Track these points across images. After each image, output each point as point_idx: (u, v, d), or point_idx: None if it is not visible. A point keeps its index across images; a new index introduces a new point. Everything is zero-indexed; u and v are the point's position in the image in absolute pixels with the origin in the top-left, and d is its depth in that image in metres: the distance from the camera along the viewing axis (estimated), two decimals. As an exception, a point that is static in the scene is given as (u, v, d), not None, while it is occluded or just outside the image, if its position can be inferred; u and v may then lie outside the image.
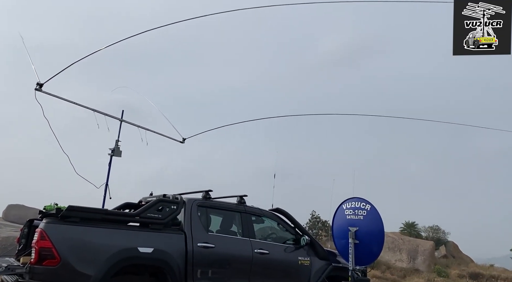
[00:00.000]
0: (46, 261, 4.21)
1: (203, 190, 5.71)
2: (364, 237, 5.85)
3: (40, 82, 5.56)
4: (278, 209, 6.24)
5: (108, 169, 6.88)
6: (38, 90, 5.58)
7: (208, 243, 5.18)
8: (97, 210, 4.87)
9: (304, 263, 5.87)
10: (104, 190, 6.78)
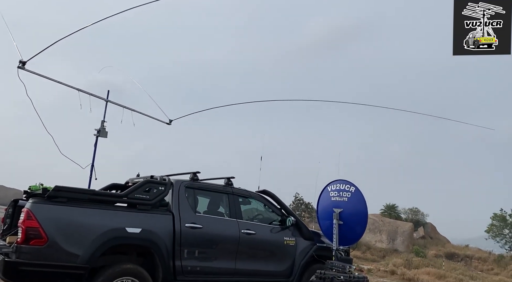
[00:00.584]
0: (33, 240, 4.20)
1: (191, 172, 5.74)
2: (348, 218, 6.00)
3: (23, 60, 5.40)
4: (265, 190, 6.34)
5: (94, 150, 6.80)
6: (21, 68, 5.42)
7: (195, 223, 5.24)
8: (84, 190, 4.85)
9: (290, 243, 6.01)
10: (90, 171, 6.72)
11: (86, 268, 4.38)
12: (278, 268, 5.85)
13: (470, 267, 29.39)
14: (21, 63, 5.38)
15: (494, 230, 34.43)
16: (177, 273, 4.99)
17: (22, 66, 5.40)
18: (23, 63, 5.39)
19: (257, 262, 5.69)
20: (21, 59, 5.39)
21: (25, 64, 5.41)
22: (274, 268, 5.82)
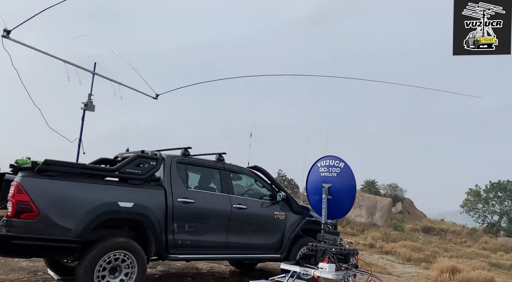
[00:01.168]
0: (24, 214, 4.14)
1: (182, 147, 5.71)
2: (336, 193, 6.12)
3: (8, 29, 5.14)
4: (256, 166, 6.38)
5: (81, 124, 6.63)
6: (5, 38, 5.16)
7: (187, 198, 5.26)
8: (74, 164, 4.78)
9: (280, 217, 6.13)
10: (78, 145, 6.58)
11: (78, 242, 4.37)
12: (268, 241, 5.98)
13: (445, 240, 30.74)
14: (6, 32, 5.13)
15: (468, 205, 35.92)
16: (169, 247, 5.04)
17: (7, 35, 5.15)
18: (8, 32, 5.14)
19: (248, 235, 5.79)
20: (6, 28, 5.13)
21: (9, 33, 5.15)
22: (264, 241, 5.94)
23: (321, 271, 4.08)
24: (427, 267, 19.37)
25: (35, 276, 5.60)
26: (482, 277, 14.68)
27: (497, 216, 34.80)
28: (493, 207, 34.77)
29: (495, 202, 34.72)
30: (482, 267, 18.81)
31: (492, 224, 34.39)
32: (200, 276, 6.37)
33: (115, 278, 4.61)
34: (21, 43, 5.42)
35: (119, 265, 4.65)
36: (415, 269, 19.51)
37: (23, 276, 5.57)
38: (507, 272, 20.89)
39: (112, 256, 4.58)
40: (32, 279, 5.47)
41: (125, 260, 4.68)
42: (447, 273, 15.61)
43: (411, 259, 22.32)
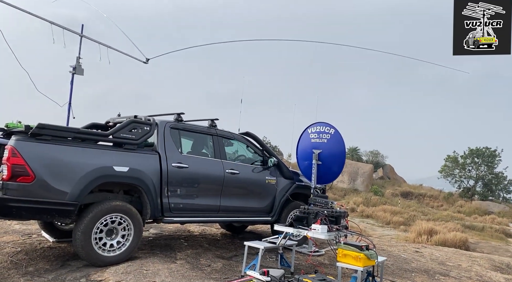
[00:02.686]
0: (20, 177, 4.15)
1: (175, 113, 5.70)
2: (326, 159, 6.30)
3: None
4: (248, 132, 6.45)
5: (71, 88, 6.46)
6: None
7: (181, 163, 5.33)
8: (69, 128, 4.75)
9: (271, 182, 6.29)
10: (68, 109, 6.46)
11: (75, 205, 4.43)
12: (259, 205, 6.16)
13: (422, 204, 32.07)
14: None
15: (446, 170, 37.21)
16: (164, 210, 5.16)
17: None
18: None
19: (240, 199, 5.95)
20: None
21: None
22: (256, 205, 6.12)
23: (313, 232, 4.28)
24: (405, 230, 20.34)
25: (30, 238, 5.69)
26: (457, 238, 15.55)
27: (473, 181, 36.28)
28: (469, 172, 36.17)
29: (472, 167, 36.10)
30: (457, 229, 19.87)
31: (467, 188, 35.91)
32: (192, 239, 6.57)
33: (112, 240, 4.73)
34: (5, 2, 5.17)
35: (115, 228, 4.76)
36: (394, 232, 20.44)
37: (17, 239, 5.64)
38: (480, 233, 22.10)
39: (109, 219, 4.68)
40: (27, 241, 5.55)
41: (122, 222, 4.78)
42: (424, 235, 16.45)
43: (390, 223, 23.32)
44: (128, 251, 4.81)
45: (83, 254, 4.51)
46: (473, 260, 7.68)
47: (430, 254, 7.73)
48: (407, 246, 8.74)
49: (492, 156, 35.62)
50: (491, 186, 35.73)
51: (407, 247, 8.45)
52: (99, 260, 4.58)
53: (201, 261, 5.15)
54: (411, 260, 6.80)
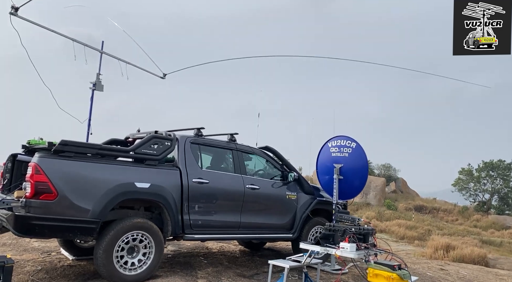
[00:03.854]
0: (43, 195, 4.10)
1: (195, 127, 5.66)
2: (348, 173, 6.16)
3: (15, 5, 4.92)
4: (267, 147, 6.37)
5: (91, 104, 6.46)
6: (13, 15, 4.96)
7: (202, 178, 5.25)
8: (91, 145, 4.71)
9: (291, 197, 6.16)
10: (87, 125, 6.47)
11: (97, 222, 4.36)
12: (280, 221, 6.02)
13: (437, 219, 31.42)
14: (14, 9, 4.91)
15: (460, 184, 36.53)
16: (185, 227, 5.06)
17: (15, 12, 4.93)
18: (16, 9, 4.92)
19: (260, 215, 5.83)
20: (13, 5, 4.91)
21: (17, 10, 4.94)
22: (276, 221, 5.99)
23: (342, 251, 4.13)
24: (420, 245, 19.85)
25: (50, 256, 5.61)
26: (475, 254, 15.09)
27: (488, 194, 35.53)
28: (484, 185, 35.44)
29: (487, 181, 35.37)
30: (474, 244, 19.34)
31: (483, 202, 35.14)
32: (211, 256, 6.43)
33: (133, 258, 4.63)
34: (30, 21, 5.21)
35: (137, 246, 4.66)
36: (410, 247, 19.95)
37: (37, 256, 5.57)
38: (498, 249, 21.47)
39: (130, 237, 4.59)
40: (46, 259, 5.48)
41: (143, 240, 4.69)
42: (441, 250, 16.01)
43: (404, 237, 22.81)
44: (149, 269, 4.71)
45: (104, 272, 4.41)
46: (501, 279, 7.40)
47: (456, 272, 7.47)
48: (430, 263, 8.48)
49: (507, 168, 34.93)
50: (507, 200, 34.94)
51: (431, 264, 8.19)
52: (121, 278, 4.47)
53: (223, 280, 5.01)
54: (438, 279, 6.56)
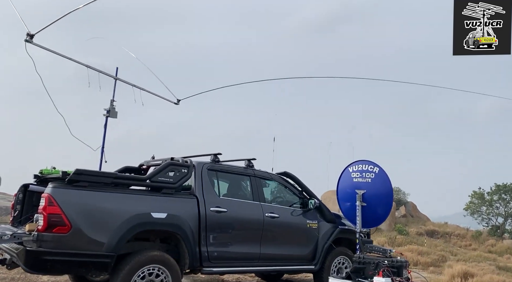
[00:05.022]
0: (56, 228, 3.87)
1: (211, 153, 5.46)
2: (371, 200, 5.89)
3: (31, 33, 4.86)
4: (286, 172, 6.13)
5: (104, 131, 6.31)
6: (28, 42, 4.89)
7: (220, 207, 5.00)
8: (106, 174, 4.52)
9: (312, 226, 5.87)
10: (101, 153, 6.30)
11: (112, 256, 4.10)
12: (301, 251, 5.71)
13: (450, 244, 30.53)
14: (29, 36, 4.85)
15: (472, 207, 35.72)
16: (203, 259, 4.78)
17: (30, 39, 4.88)
18: (31, 36, 4.86)
19: (281, 246, 5.53)
20: (29, 32, 4.85)
21: (33, 38, 4.88)
22: (297, 252, 5.68)
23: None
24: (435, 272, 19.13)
25: (59, 292, 5.31)
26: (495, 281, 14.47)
27: (502, 218, 34.64)
28: (497, 209, 34.60)
29: (500, 204, 34.55)
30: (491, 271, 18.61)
31: (496, 226, 34.22)
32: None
33: (149, 294, 4.34)
34: (45, 48, 5.15)
35: (153, 280, 4.38)
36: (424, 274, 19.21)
37: (45, 293, 5.27)
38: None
39: (146, 271, 4.32)
40: (55, 295, 5.17)
41: (159, 274, 4.41)
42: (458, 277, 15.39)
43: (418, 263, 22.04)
44: (166, 305, 4.39)
45: (119, 309, 4.11)
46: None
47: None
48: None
49: (521, 191, 34.14)
50: (522, 224, 34.00)
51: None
52: (137, 315, 4.17)
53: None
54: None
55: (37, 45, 5.05)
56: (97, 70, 5.93)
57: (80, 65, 5.81)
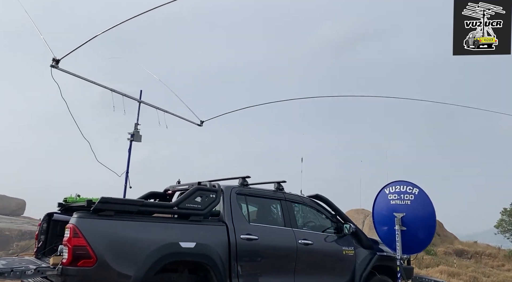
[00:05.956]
0: (81, 261, 3.65)
1: (240, 176, 5.19)
2: (411, 224, 5.49)
3: (57, 58, 4.79)
4: (318, 195, 5.78)
5: (128, 156, 6.14)
6: (54, 67, 4.82)
7: (251, 234, 4.69)
8: (132, 201, 4.29)
9: (349, 253, 5.47)
10: (125, 179, 6.12)
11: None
12: (337, 281, 5.31)
13: (481, 264, 29.07)
14: (55, 62, 4.78)
15: (503, 225, 34.17)
16: None
17: (56, 64, 4.80)
18: (57, 62, 4.79)
19: (315, 275, 5.14)
20: (55, 57, 4.78)
21: (58, 63, 4.81)
22: (333, 281, 5.27)
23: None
24: (469, 294, 18.06)
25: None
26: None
27: (535, 236, 32.97)
28: (530, 227, 33.00)
29: (533, 221, 32.97)
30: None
31: (530, 245, 32.55)
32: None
33: (178, 331, 4.02)
34: (70, 72, 5.07)
35: (181, 316, 4.07)
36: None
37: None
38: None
39: (175, 306, 4.01)
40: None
41: (189, 309, 4.10)
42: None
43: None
44: None
45: None
46: None
47: None
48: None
49: (553, 208, 32.53)
50: (556, 242, 32.21)
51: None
52: None
53: None
54: None
55: (62, 70, 4.97)
56: (121, 93, 5.83)
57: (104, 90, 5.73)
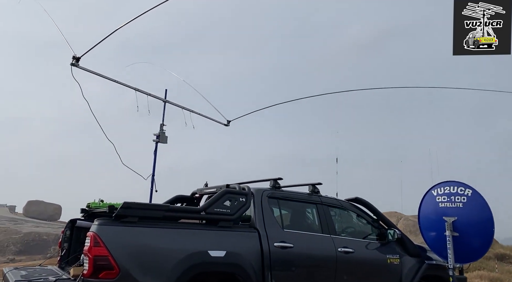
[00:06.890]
0: (103, 272, 3.34)
1: (271, 178, 4.78)
2: (463, 229, 4.92)
3: (77, 55, 4.56)
4: (358, 198, 5.28)
5: (154, 158, 5.87)
6: (74, 66, 4.59)
7: (285, 242, 4.27)
8: (157, 206, 3.98)
9: (394, 261, 4.95)
10: (151, 182, 5.85)
11: (165, 305, 3.48)
12: (382, 293, 4.81)
13: (525, 269, 27.38)
14: (75, 60, 4.55)
15: (548, 228, 32.11)
16: None
17: (76, 62, 4.57)
18: (77, 60, 4.56)
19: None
20: (75, 55, 4.55)
21: (79, 61, 4.57)
22: None
23: None
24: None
25: None
26: None
27: None
28: None
29: None
30: None
31: None
32: None
33: None
34: (91, 71, 4.84)
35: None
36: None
37: None
38: None
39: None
40: None
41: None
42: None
43: (494, 293, 19.72)
44: None
45: None
46: None
47: None
48: None
49: None
50: None
51: None
52: None
53: None
54: None
55: (83, 68, 4.73)
56: (146, 93, 5.56)
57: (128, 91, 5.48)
